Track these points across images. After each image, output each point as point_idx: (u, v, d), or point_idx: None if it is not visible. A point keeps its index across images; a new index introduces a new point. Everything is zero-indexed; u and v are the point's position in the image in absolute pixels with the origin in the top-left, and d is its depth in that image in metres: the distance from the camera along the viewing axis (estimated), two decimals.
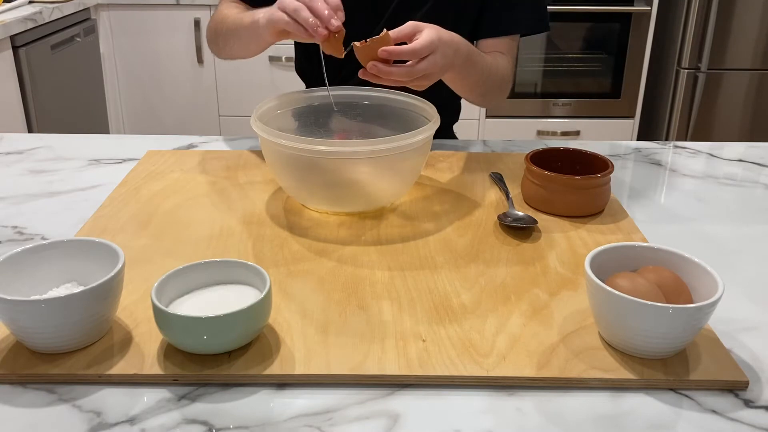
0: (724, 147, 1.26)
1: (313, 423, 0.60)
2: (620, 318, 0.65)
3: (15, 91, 2.33)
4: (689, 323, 0.64)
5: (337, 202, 0.95)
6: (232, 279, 0.72)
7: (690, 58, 2.81)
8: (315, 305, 0.75)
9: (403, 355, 0.67)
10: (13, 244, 0.89)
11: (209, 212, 0.96)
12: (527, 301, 0.76)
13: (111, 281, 0.66)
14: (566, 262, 0.84)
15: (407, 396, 0.63)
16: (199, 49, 2.95)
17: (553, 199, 0.95)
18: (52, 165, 1.14)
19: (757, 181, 1.12)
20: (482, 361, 0.66)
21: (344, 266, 0.83)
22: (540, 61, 2.98)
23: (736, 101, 2.87)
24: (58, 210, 0.98)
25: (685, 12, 2.79)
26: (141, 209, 0.96)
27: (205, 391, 0.63)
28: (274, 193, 1.02)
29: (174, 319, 0.64)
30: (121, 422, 0.60)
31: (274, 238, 0.89)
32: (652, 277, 0.68)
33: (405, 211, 0.97)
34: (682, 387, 0.64)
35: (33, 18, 2.37)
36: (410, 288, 0.78)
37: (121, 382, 0.64)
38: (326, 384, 0.64)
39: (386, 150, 0.86)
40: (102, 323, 0.68)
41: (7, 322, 0.65)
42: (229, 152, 1.17)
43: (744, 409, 0.62)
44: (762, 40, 2.78)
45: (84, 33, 2.75)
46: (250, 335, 0.67)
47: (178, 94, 3.05)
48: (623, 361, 0.66)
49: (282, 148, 0.87)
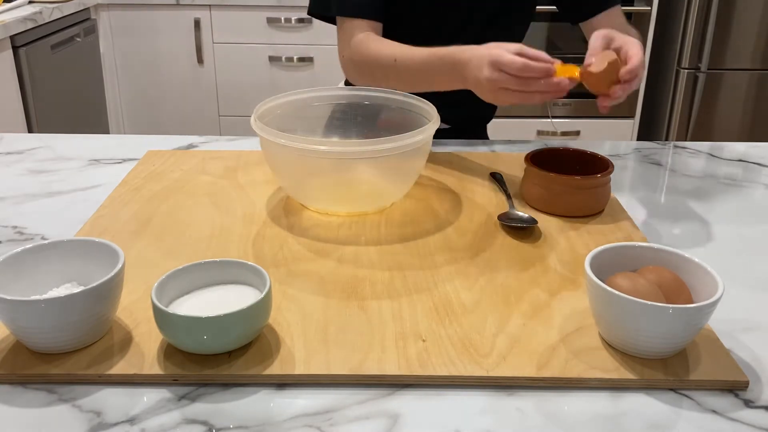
0: (724, 147, 1.26)
1: (313, 423, 0.60)
2: (620, 318, 0.65)
3: (15, 91, 2.33)
4: (689, 323, 0.64)
5: (337, 202, 0.95)
6: (232, 279, 0.72)
7: (690, 58, 2.81)
8: (315, 305, 0.75)
9: (403, 355, 0.67)
10: (13, 244, 0.89)
11: (209, 212, 0.96)
12: (527, 301, 0.76)
13: (111, 281, 0.66)
14: (566, 262, 0.84)
15: (407, 396, 0.63)
16: (199, 49, 2.95)
17: (553, 199, 0.95)
18: (52, 165, 1.14)
19: (757, 181, 1.12)
20: (482, 361, 0.66)
21: (344, 266, 0.83)
22: None
23: (736, 101, 2.87)
24: (58, 210, 0.98)
25: (685, 12, 2.78)
26: (141, 209, 0.96)
27: (205, 391, 0.63)
28: (274, 193, 1.02)
29: (174, 319, 0.64)
30: (121, 422, 0.60)
31: (274, 238, 0.89)
32: (652, 277, 0.68)
33: (405, 211, 0.97)
34: (682, 387, 0.64)
35: (33, 18, 2.37)
36: (410, 288, 0.78)
37: (121, 382, 0.64)
38: (326, 384, 0.64)
39: (386, 150, 0.86)
40: (102, 323, 0.68)
41: (7, 322, 0.65)
42: (229, 152, 1.17)
43: (744, 409, 0.62)
44: (762, 40, 2.78)
45: (84, 33, 2.75)
46: (250, 335, 0.67)
47: (178, 94, 3.05)
48: (623, 361, 0.66)
49: (282, 148, 0.87)
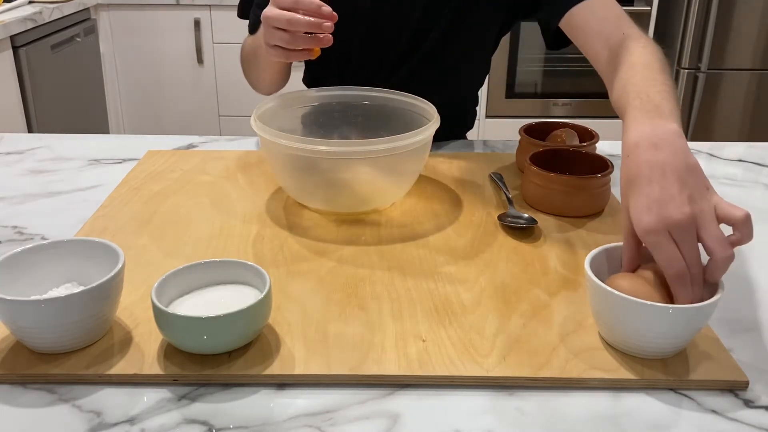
0: (724, 147, 1.26)
1: (313, 423, 0.60)
2: (620, 318, 0.65)
3: (15, 91, 2.33)
4: (689, 323, 0.64)
5: (338, 202, 0.95)
6: (232, 279, 0.72)
7: (690, 58, 2.81)
8: (315, 305, 0.75)
9: (403, 355, 0.67)
10: (13, 244, 0.89)
11: (209, 212, 0.96)
12: (527, 301, 0.76)
13: (111, 281, 0.66)
14: (566, 262, 0.84)
15: (407, 396, 0.63)
16: (199, 49, 2.95)
17: (553, 199, 0.95)
18: (52, 165, 1.14)
19: (757, 181, 1.12)
20: (482, 361, 0.66)
21: (344, 266, 0.83)
22: (540, 61, 2.98)
23: (736, 101, 2.87)
24: (58, 210, 0.98)
25: (685, 12, 2.79)
26: (141, 209, 0.96)
27: (205, 391, 0.63)
28: (274, 193, 1.02)
29: (174, 319, 0.64)
30: (121, 422, 0.60)
31: (274, 238, 0.89)
32: (652, 277, 0.68)
33: (405, 211, 0.97)
34: (682, 387, 0.64)
35: (33, 18, 2.37)
36: (410, 288, 0.78)
37: (121, 382, 0.64)
38: (326, 384, 0.64)
39: (386, 150, 0.86)
40: (102, 323, 0.68)
41: (7, 322, 0.65)
42: (229, 152, 1.17)
43: (744, 409, 0.62)
44: (762, 40, 2.78)
45: (84, 33, 2.75)
46: (250, 335, 0.67)
47: (178, 94, 3.05)
48: (623, 361, 0.66)
49: (282, 148, 0.87)
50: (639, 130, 0.71)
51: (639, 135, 0.70)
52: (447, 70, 1.18)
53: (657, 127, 0.70)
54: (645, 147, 0.69)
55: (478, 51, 1.20)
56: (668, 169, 0.66)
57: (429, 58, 1.15)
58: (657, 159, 0.67)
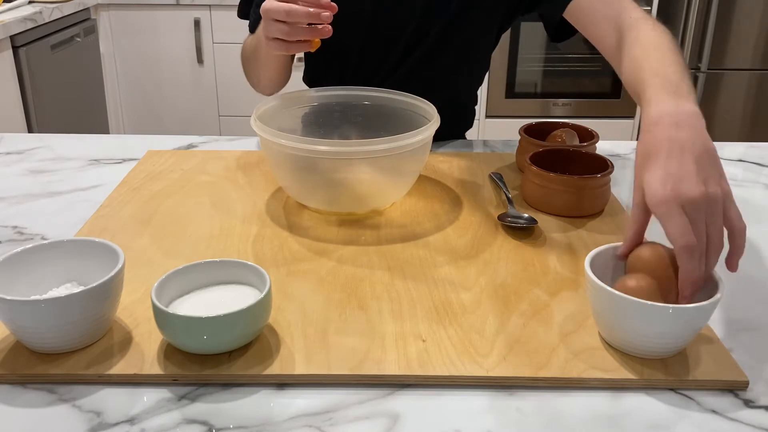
0: (724, 147, 1.25)
1: (313, 423, 0.60)
2: (620, 318, 0.65)
3: (15, 91, 2.33)
4: (689, 323, 0.64)
5: (337, 202, 0.95)
6: (232, 279, 0.72)
7: (690, 58, 2.81)
8: (315, 305, 0.75)
9: (403, 355, 0.67)
10: (13, 244, 0.89)
11: (209, 212, 0.96)
12: (527, 301, 0.76)
13: (111, 281, 0.66)
14: (566, 262, 0.84)
15: (407, 396, 0.63)
16: (199, 49, 2.95)
17: (553, 199, 0.95)
18: (52, 165, 1.14)
19: (757, 181, 1.12)
20: (482, 361, 0.66)
21: (344, 266, 0.83)
22: (540, 61, 2.98)
23: (736, 101, 2.87)
24: (58, 210, 0.98)
25: (685, 12, 2.79)
26: (141, 209, 0.96)
27: (205, 391, 0.63)
28: (274, 193, 1.02)
29: (174, 319, 0.64)
30: (121, 422, 0.60)
31: (274, 238, 0.89)
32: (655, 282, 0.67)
33: (405, 211, 0.97)
34: (682, 387, 0.64)
35: (33, 18, 2.37)
36: (410, 288, 0.78)
37: (121, 382, 0.64)
38: (326, 384, 0.64)
39: (386, 150, 0.86)
40: (102, 323, 0.68)
41: (7, 322, 0.65)
42: (229, 152, 1.17)
43: (744, 409, 0.62)
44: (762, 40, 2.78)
45: (84, 33, 2.75)
46: (250, 335, 0.67)
47: (178, 94, 3.05)
48: (623, 361, 0.66)
49: (282, 148, 0.87)
50: (661, 107, 0.72)
51: (661, 111, 0.71)
52: (447, 68, 1.18)
53: (679, 106, 0.71)
54: (666, 124, 0.69)
55: (478, 49, 1.20)
56: (687, 148, 0.66)
57: (429, 57, 1.15)
58: (678, 137, 0.67)
